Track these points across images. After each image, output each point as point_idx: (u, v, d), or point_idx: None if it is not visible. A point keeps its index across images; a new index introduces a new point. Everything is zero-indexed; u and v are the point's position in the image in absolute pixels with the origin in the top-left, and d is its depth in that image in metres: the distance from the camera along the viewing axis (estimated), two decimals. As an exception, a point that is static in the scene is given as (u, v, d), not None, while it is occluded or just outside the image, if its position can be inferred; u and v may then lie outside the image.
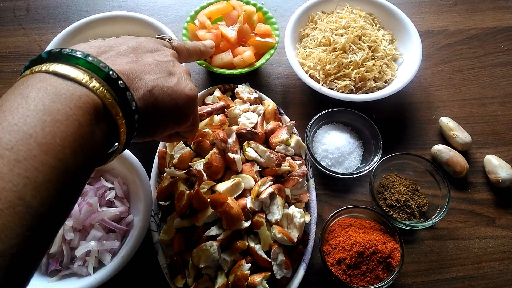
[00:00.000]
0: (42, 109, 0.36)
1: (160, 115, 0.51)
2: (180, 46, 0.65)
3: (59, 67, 0.40)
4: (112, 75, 0.42)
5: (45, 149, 0.35)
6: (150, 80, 0.48)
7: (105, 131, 0.42)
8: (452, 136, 0.92)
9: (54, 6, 1.17)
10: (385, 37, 1.01)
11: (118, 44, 0.50)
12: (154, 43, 0.56)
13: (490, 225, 0.86)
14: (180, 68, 0.56)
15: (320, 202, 0.85)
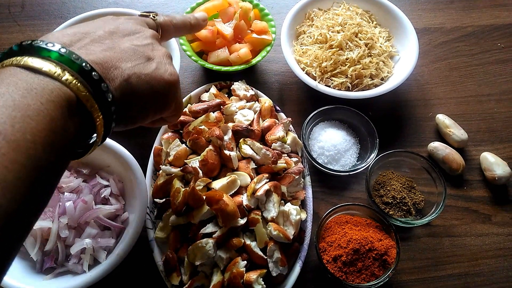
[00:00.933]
0: (11, 104, 0.35)
1: (139, 104, 0.49)
2: (166, 22, 0.61)
3: (31, 60, 0.38)
4: (86, 66, 0.41)
5: (15, 146, 0.33)
6: (127, 68, 0.46)
7: (80, 124, 0.41)
8: (448, 133, 0.92)
9: (49, 2, 1.17)
10: (382, 34, 1.00)
11: (94, 29, 0.48)
12: (134, 23, 0.53)
13: (486, 223, 0.86)
14: (159, 52, 0.53)
15: (316, 199, 0.85)
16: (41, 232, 0.71)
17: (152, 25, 0.58)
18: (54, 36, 0.44)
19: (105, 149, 0.78)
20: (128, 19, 0.53)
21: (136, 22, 0.54)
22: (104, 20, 0.51)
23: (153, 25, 0.58)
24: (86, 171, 0.79)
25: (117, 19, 0.52)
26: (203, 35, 0.93)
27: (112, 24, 0.50)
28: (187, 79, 1.02)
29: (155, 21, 0.59)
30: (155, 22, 0.59)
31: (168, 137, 0.81)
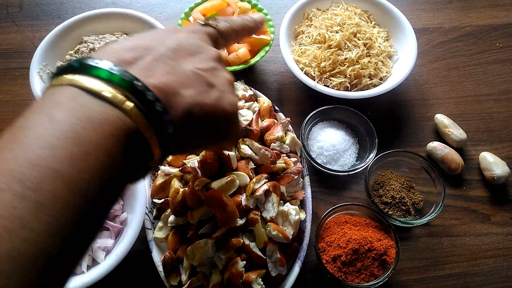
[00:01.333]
0: (71, 137, 0.31)
1: (198, 135, 0.45)
2: (227, 29, 0.56)
3: (92, 82, 0.35)
4: (149, 95, 0.36)
5: (72, 187, 0.30)
6: (189, 96, 0.41)
7: (136, 157, 0.37)
8: (447, 133, 0.92)
9: (47, 3, 1.17)
10: (381, 34, 1.00)
11: (155, 44, 0.43)
12: (196, 38, 0.48)
13: (485, 222, 0.86)
14: (222, 79, 0.47)
15: (315, 199, 0.85)
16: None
17: (213, 34, 0.53)
18: (113, 52, 0.40)
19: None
20: (190, 33, 0.49)
21: (198, 37, 0.49)
22: (164, 33, 0.47)
23: (215, 34, 0.54)
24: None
25: (178, 32, 0.48)
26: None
27: (174, 39, 0.46)
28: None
29: (216, 29, 0.54)
30: (216, 31, 0.54)
31: (166, 137, 0.81)
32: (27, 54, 1.02)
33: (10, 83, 1.01)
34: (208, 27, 0.53)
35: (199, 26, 0.52)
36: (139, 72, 0.38)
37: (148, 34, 0.46)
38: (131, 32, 1.00)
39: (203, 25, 0.53)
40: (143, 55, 0.41)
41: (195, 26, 0.52)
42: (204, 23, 0.54)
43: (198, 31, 0.50)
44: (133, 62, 0.39)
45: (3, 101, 0.99)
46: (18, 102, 0.98)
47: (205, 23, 0.54)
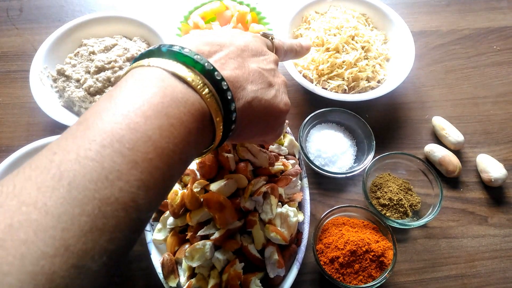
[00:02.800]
0: (160, 110, 0.37)
1: (253, 126, 0.51)
2: (280, 46, 0.63)
3: (178, 67, 0.40)
4: (223, 85, 0.42)
5: (160, 153, 0.36)
6: (252, 91, 0.47)
7: (208, 138, 0.44)
8: (444, 135, 0.92)
9: (48, 6, 1.17)
10: (378, 37, 1.01)
11: (228, 42, 0.49)
12: (260, 42, 0.54)
13: (483, 224, 0.86)
14: (279, 80, 0.54)
15: (313, 201, 0.85)
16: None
17: (270, 47, 0.59)
18: (193, 44, 0.45)
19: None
20: (254, 37, 0.54)
21: (261, 42, 0.55)
22: (232, 34, 0.52)
23: (271, 47, 0.59)
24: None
25: (245, 35, 0.53)
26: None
27: (242, 39, 0.51)
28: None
29: (272, 43, 0.60)
30: (272, 44, 0.60)
31: (165, 140, 0.81)
32: (27, 57, 1.02)
33: (10, 86, 1.02)
34: (266, 38, 0.59)
35: (260, 35, 0.58)
36: (215, 64, 0.44)
37: (222, 32, 0.51)
38: (130, 35, 1.01)
39: (262, 35, 0.59)
40: (217, 50, 0.46)
41: (257, 35, 0.57)
42: (263, 35, 0.59)
43: (259, 37, 0.56)
44: (210, 55, 0.45)
45: (2, 103, 0.99)
46: (18, 104, 0.99)
47: (264, 34, 0.59)
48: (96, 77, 0.89)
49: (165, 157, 0.36)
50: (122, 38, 0.99)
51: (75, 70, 0.93)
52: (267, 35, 0.60)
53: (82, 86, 0.90)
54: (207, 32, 0.50)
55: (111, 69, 0.90)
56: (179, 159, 0.38)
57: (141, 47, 0.96)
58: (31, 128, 0.95)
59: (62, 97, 0.92)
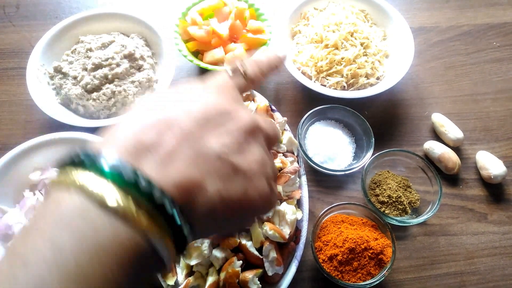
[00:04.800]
0: (75, 274, 0.27)
1: (217, 228, 0.39)
2: (257, 75, 0.49)
3: (100, 185, 0.29)
4: (168, 209, 0.30)
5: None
6: (213, 190, 0.34)
7: (149, 269, 0.32)
8: (444, 132, 0.92)
9: (45, 3, 1.16)
10: (377, 33, 1.00)
11: (180, 114, 0.36)
12: (226, 101, 0.40)
13: (482, 221, 0.86)
14: (251, 157, 0.38)
15: (312, 198, 0.85)
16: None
17: (243, 85, 0.47)
18: (133, 133, 0.34)
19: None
20: (219, 93, 0.41)
21: (228, 97, 0.42)
22: (190, 96, 0.39)
23: (244, 84, 0.48)
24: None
25: (205, 93, 0.40)
26: (198, 35, 0.93)
27: (200, 105, 0.38)
28: (183, 79, 1.02)
29: (246, 78, 0.48)
30: (246, 80, 0.48)
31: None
32: (24, 54, 1.01)
33: (6, 83, 1.01)
34: (237, 76, 0.47)
35: (227, 78, 0.46)
36: (158, 165, 0.32)
37: (172, 96, 0.39)
38: (128, 32, 1.00)
39: (233, 75, 0.47)
40: (164, 136, 0.34)
41: (223, 79, 0.45)
42: (233, 71, 0.47)
43: (227, 88, 0.44)
44: (152, 149, 0.33)
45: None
46: (15, 102, 0.98)
47: (234, 70, 0.48)
48: (93, 74, 0.89)
49: None
50: (119, 35, 0.99)
51: (72, 67, 0.92)
52: (237, 70, 0.48)
53: (79, 83, 0.89)
54: (157, 98, 0.38)
55: (108, 66, 0.89)
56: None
57: (138, 44, 0.96)
58: (28, 126, 0.95)
59: (59, 95, 0.92)
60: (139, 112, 0.37)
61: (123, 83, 0.89)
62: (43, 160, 0.78)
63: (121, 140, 0.33)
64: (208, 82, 0.43)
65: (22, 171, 0.77)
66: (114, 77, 0.89)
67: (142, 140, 0.33)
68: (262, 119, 0.43)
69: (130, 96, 0.88)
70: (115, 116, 0.88)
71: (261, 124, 0.41)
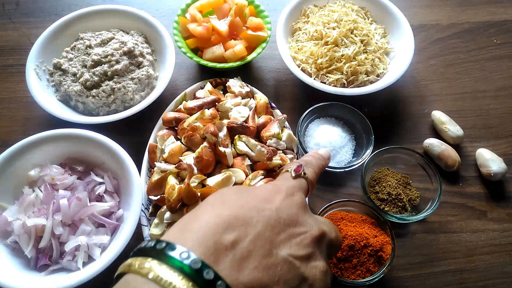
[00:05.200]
0: None
1: None
2: (314, 178, 0.54)
3: (176, 280, 0.32)
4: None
5: None
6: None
7: None
8: (444, 129, 0.92)
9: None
10: (378, 31, 1.00)
11: (254, 214, 0.39)
12: (296, 207, 0.44)
13: (482, 219, 0.86)
14: (317, 270, 0.42)
15: (311, 195, 0.85)
16: (35, 229, 0.70)
17: (306, 188, 0.51)
18: (212, 232, 0.36)
19: (100, 147, 0.78)
20: (287, 197, 0.44)
21: (297, 203, 0.45)
22: (262, 197, 0.43)
23: (307, 187, 0.51)
24: (80, 168, 0.79)
25: (276, 195, 0.44)
26: (198, 32, 0.92)
27: (272, 207, 0.41)
28: (182, 76, 1.02)
29: (307, 180, 0.52)
30: (307, 182, 0.52)
31: (163, 134, 0.81)
32: (24, 51, 1.01)
33: (6, 80, 1.01)
34: (299, 179, 0.51)
35: (292, 180, 0.50)
36: (233, 267, 0.35)
37: (245, 194, 0.42)
38: (127, 29, 1.00)
39: (294, 177, 0.51)
40: (240, 236, 0.37)
41: (289, 182, 0.49)
42: (295, 176, 0.51)
43: (295, 192, 0.47)
44: (229, 250, 0.36)
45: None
46: (15, 99, 0.98)
47: (297, 175, 0.51)
48: (92, 71, 0.89)
49: None
50: (119, 32, 0.98)
51: (71, 64, 0.92)
52: (300, 174, 0.50)
53: (78, 80, 0.89)
54: (230, 194, 0.41)
55: (108, 63, 0.89)
56: None
57: (138, 41, 0.96)
58: (28, 123, 0.95)
59: (58, 91, 0.92)
60: (216, 204, 0.40)
61: (122, 80, 0.89)
62: (42, 157, 0.78)
63: (200, 237, 0.36)
64: (278, 184, 0.47)
65: (21, 168, 0.77)
66: (114, 74, 0.89)
67: (221, 240, 0.36)
68: (328, 227, 0.47)
69: (129, 93, 0.88)
70: (115, 113, 0.87)
71: (327, 233, 0.45)
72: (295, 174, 0.51)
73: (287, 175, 0.52)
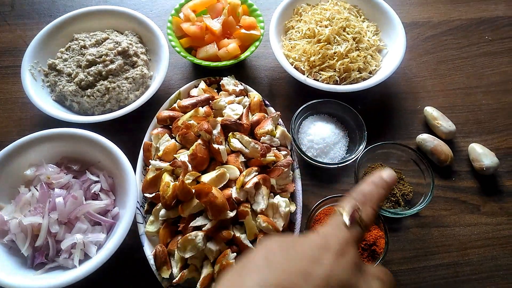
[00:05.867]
0: None
1: None
2: (372, 219, 0.45)
3: None
4: None
5: None
6: None
7: None
8: (436, 125, 0.93)
9: (39, 1, 1.17)
10: (370, 28, 1.01)
11: (300, 281, 0.36)
12: (349, 269, 0.39)
13: (475, 213, 0.87)
14: None
15: (306, 192, 0.85)
16: (32, 227, 0.71)
17: (360, 236, 0.44)
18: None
19: (95, 145, 0.78)
20: (338, 256, 0.39)
21: (350, 262, 0.40)
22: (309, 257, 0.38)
23: (361, 234, 0.44)
24: (76, 167, 0.80)
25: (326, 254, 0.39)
26: (191, 31, 0.93)
27: (321, 271, 0.37)
28: (177, 75, 1.03)
29: (362, 227, 0.44)
30: (362, 229, 0.44)
31: (157, 132, 0.82)
32: (19, 53, 1.02)
33: (2, 82, 1.02)
34: (354, 227, 0.43)
35: (344, 231, 0.42)
36: None
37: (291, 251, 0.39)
38: (121, 29, 1.01)
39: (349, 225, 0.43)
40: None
41: (340, 234, 0.42)
42: (350, 224, 0.43)
43: (347, 249, 0.41)
44: None
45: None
46: (11, 100, 0.99)
47: (351, 222, 0.43)
48: (87, 71, 0.89)
49: None
50: (113, 32, 0.99)
51: (66, 65, 0.93)
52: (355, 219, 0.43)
53: (73, 80, 0.90)
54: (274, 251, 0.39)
55: (102, 62, 0.89)
56: None
57: (132, 41, 0.96)
58: (23, 123, 0.95)
59: (53, 92, 0.92)
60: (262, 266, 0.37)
61: (117, 80, 0.89)
62: (38, 156, 0.79)
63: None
64: (328, 236, 0.41)
65: (17, 168, 0.78)
66: (108, 73, 0.89)
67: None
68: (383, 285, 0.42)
69: (124, 92, 0.89)
70: (110, 112, 0.88)
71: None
72: (350, 222, 0.43)
73: (338, 220, 0.44)
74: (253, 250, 0.41)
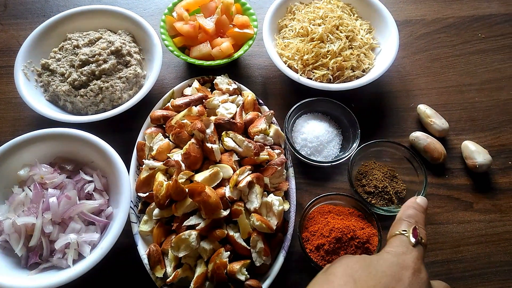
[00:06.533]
0: None
1: None
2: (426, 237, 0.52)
3: None
4: None
5: None
6: None
7: None
8: (429, 123, 0.93)
9: (32, 1, 1.17)
10: (363, 26, 1.01)
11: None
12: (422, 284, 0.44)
13: (468, 210, 0.87)
14: None
15: (300, 190, 0.86)
16: (25, 228, 0.71)
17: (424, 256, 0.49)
18: None
19: (89, 145, 0.78)
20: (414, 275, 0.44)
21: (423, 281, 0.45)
22: (386, 277, 0.42)
23: (424, 250, 0.49)
24: (70, 167, 0.80)
25: (401, 273, 0.44)
26: (185, 30, 0.93)
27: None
28: (170, 74, 1.03)
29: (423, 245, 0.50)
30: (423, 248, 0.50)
31: (151, 132, 0.82)
32: (12, 53, 1.01)
33: (-5, 82, 1.02)
34: (418, 246, 0.49)
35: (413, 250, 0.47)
36: None
37: (373, 270, 0.43)
38: (115, 29, 1.01)
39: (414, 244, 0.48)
40: None
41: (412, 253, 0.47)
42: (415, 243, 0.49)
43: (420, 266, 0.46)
44: None
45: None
46: (4, 100, 0.99)
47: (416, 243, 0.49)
48: (80, 70, 0.89)
49: None
50: (106, 32, 0.99)
51: (59, 64, 0.92)
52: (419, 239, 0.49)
53: (66, 80, 0.90)
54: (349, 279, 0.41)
55: (96, 62, 0.89)
56: None
57: (125, 40, 0.96)
58: (17, 123, 0.95)
59: (47, 92, 0.92)
60: (349, 284, 0.40)
61: (110, 79, 0.89)
62: (31, 156, 0.79)
63: None
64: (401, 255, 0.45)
65: (11, 168, 0.78)
66: (101, 73, 0.89)
67: None
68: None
69: (117, 92, 0.89)
70: (103, 111, 0.88)
71: None
72: (415, 241, 0.49)
73: (403, 240, 0.49)
74: (332, 266, 0.45)
